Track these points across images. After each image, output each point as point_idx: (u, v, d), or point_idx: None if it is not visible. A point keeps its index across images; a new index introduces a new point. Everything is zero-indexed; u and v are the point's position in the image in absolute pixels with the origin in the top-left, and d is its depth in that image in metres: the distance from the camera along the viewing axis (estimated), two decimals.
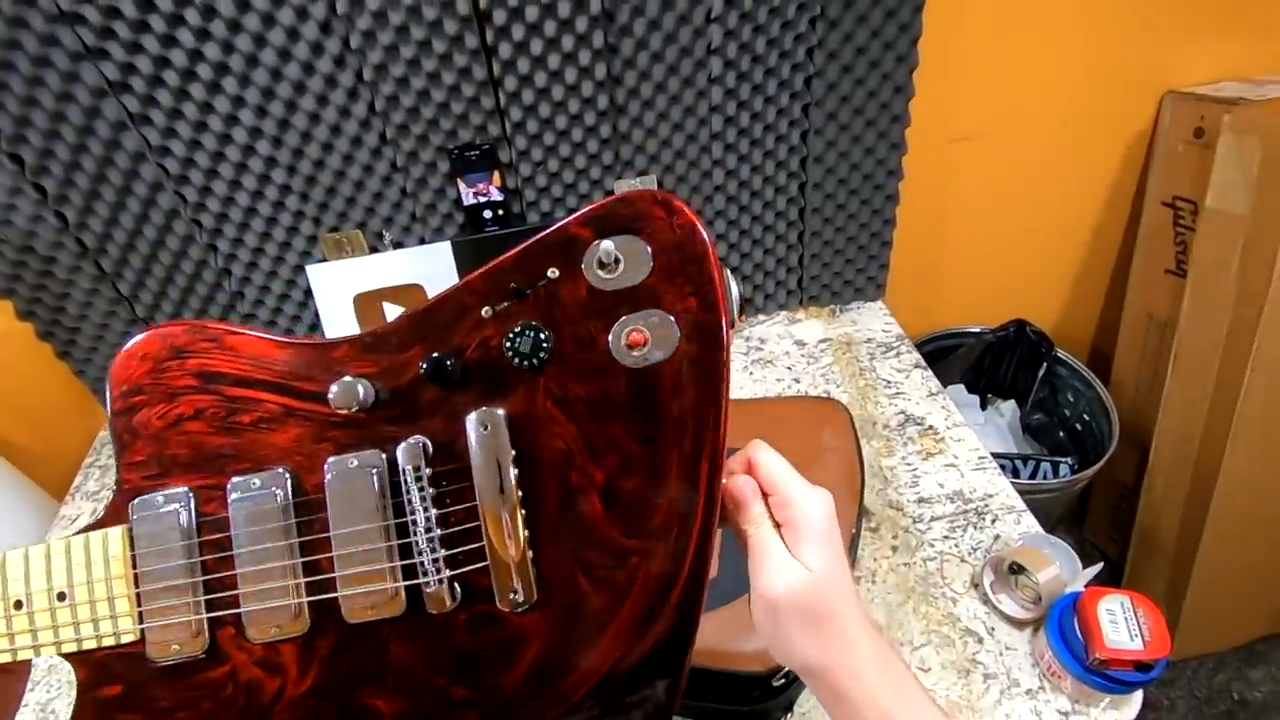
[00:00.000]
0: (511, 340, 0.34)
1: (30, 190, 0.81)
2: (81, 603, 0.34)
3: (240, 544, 0.35)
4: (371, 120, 0.83)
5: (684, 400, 0.33)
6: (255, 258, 0.91)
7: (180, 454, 0.36)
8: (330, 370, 0.36)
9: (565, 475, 0.34)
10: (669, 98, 0.86)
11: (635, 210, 0.34)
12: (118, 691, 0.34)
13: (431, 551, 0.34)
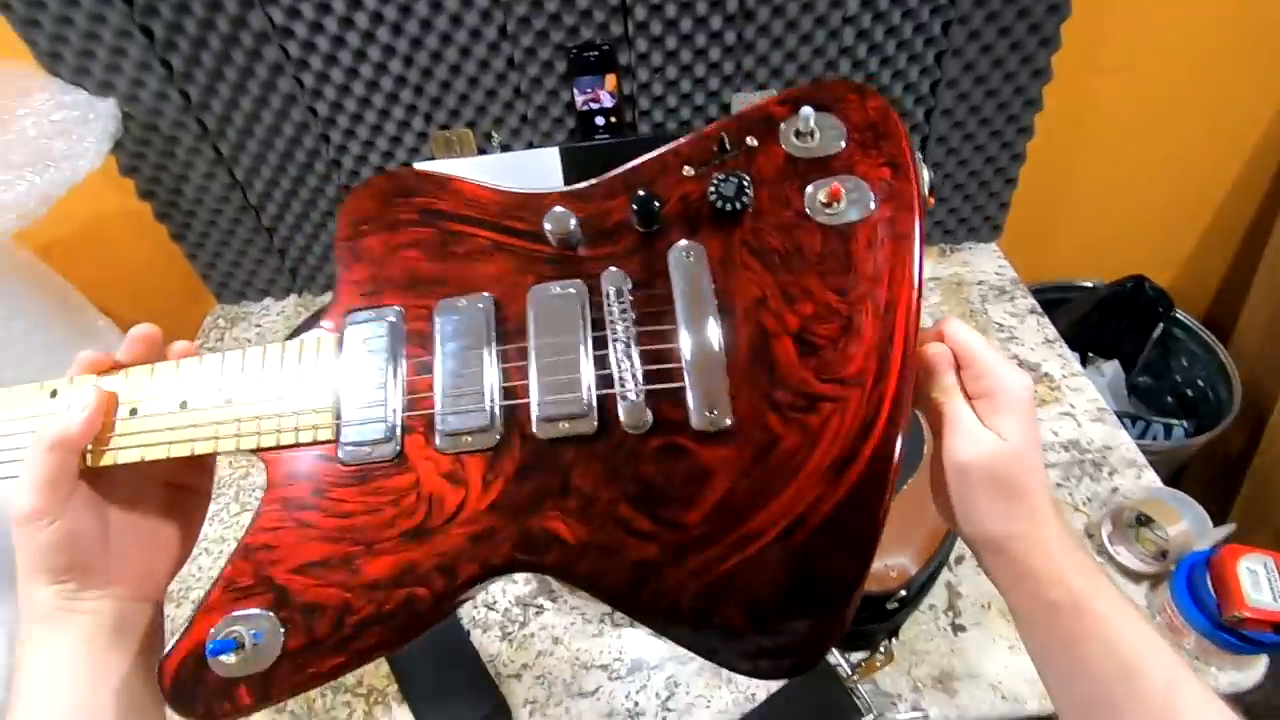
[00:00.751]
0: (716, 184, 0.35)
1: (158, 66, 0.81)
2: (288, 399, 0.36)
3: (441, 355, 0.36)
4: (493, 12, 0.80)
5: (878, 256, 0.34)
6: (365, 151, 0.91)
7: (394, 276, 0.38)
8: (540, 212, 0.37)
9: (759, 318, 0.34)
10: (801, 5, 0.81)
11: (831, 93, 0.37)
12: (305, 491, 0.35)
13: (630, 366, 0.34)
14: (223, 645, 0.32)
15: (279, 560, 0.34)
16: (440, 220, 0.39)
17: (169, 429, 0.35)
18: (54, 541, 0.32)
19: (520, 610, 0.66)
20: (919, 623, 0.60)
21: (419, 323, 0.37)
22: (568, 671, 0.61)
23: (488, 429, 0.35)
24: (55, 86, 0.80)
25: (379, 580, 0.34)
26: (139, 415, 0.36)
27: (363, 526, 0.35)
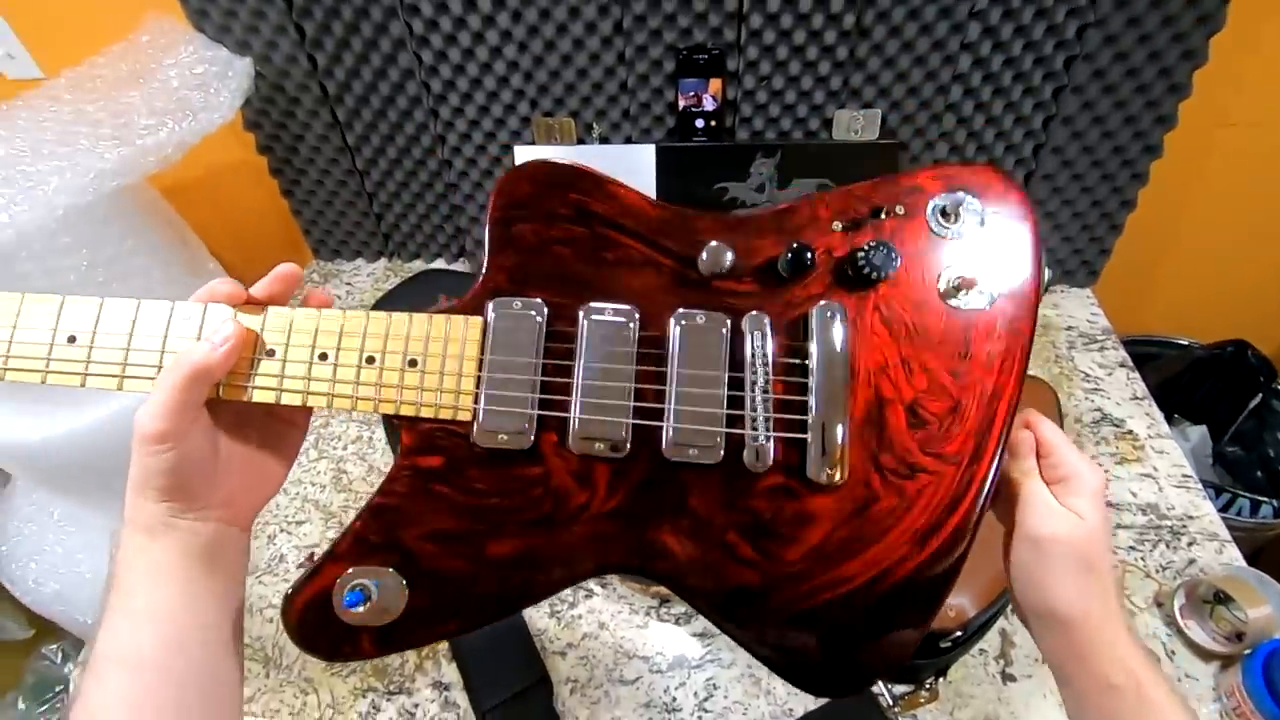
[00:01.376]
0: (867, 251, 0.36)
1: (292, 30, 0.86)
2: (430, 373, 0.37)
3: (583, 361, 0.37)
4: (611, 8, 0.82)
5: (993, 347, 0.37)
6: (470, 130, 0.94)
7: (543, 270, 0.39)
8: (691, 236, 0.39)
9: (878, 384, 0.37)
10: (920, 26, 0.80)
11: (979, 178, 0.39)
12: (438, 464, 0.37)
13: (765, 411, 0.36)
14: (353, 598, 0.34)
15: (409, 525, 0.36)
16: (594, 222, 0.39)
17: (307, 378, 0.36)
18: (170, 465, 0.33)
19: (570, 591, 0.68)
20: (969, 666, 0.59)
21: (562, 321, 0.38)
22: (610, 657, 0.63)
23: (620, 442, 0.37)
24: (200, 42, 0.86)
25: (502, 560, 0.36)
26: (277, 359, 0.36)
27: (491, 507, 0.37)
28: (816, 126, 0.89)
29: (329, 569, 0.35)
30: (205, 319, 0.36)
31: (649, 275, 0.39)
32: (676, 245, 0.39)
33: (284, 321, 0.37)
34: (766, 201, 0.92)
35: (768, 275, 0.38)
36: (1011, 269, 0.37)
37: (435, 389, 0.37)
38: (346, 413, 0.38)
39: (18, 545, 1.02)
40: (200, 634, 0.34)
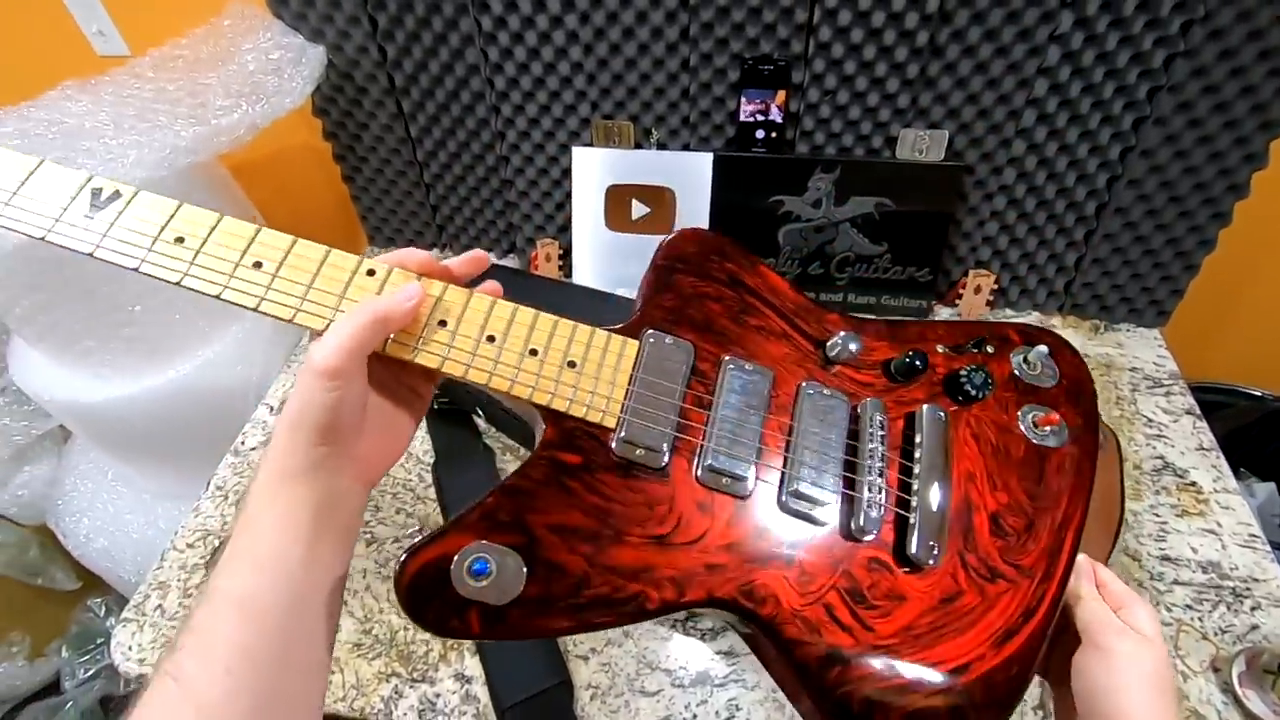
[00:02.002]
0: (969, 372, 0.44)
1: (365, 21, 0.88)
2: (585, 375, 0.40)
3: (720, 402, 0.42)
4: (679, 15, 0.81)
5: (1063, 482, 0.43)
6: (530, 128, 0.95)
7: (695, 317, 0.45)
8: (821, 324, 0.46)
9: (967, 489, 0.42)
10: (996, 48, 0.77)
11: (1054, 340, 0.48)
12: (575, 461, 0.39)
13: (879, 484, 0.40)
14: (480, 566, 0.35)
15: (538, 511, 0.38)
16: (743, 291, 0.46)
17: (472, 353, 0.39)
18: (334, 403, 0.34)
19: None
20: None
21: (705, 363, 0.43)
22: (632, 667, 0.62)
23: (745, 480, 0.40)
24: (277, 29, 0.88)
25: (619, 568, 0.37)
26: (446, 329, 0.39)
27: (617, 514, 0.39)
28: (879, 144, 0.87)
29: (453, 537, 0.36)
30: (389, 279, 0.39)
31: (783, 346, 0.45)
32: (809, 328, 0.46)
33: (460, 298, 0.40)
34: (822, 217, 0.91)
35: (881, 374, 0.45)
36: (1078, 422, 0.44)
37: (589, 391, 0.40)
38: (502, 394, 0.39)
39: (72, 500, 1.06)
40: (314, 594, 0.35)
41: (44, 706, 1.25)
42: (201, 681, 0.31)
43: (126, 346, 0.85)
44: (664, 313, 0.44)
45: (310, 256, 0.38)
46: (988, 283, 0.92)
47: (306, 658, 0.35)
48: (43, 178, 0.37)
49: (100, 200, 0.37)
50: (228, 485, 0.80)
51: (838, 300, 0.96)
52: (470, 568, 0.35)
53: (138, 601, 0.71)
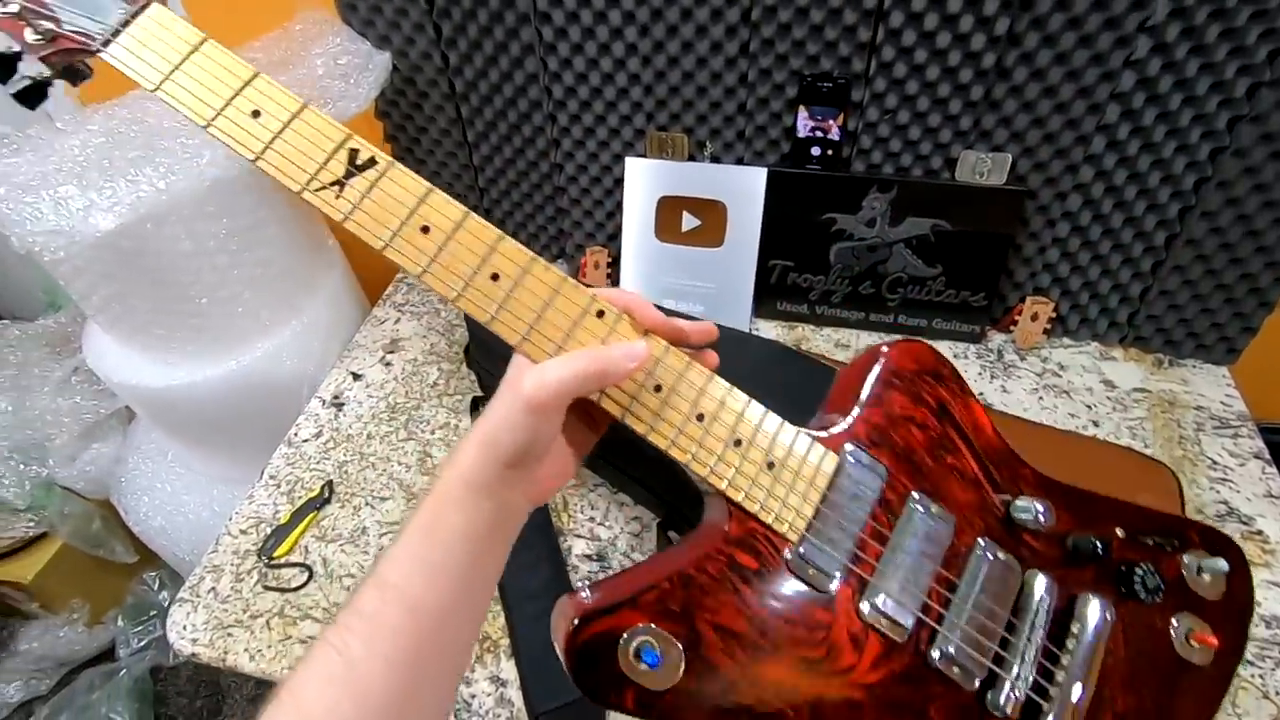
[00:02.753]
0: (1144, 572, 0.43)
1: (430, 29, 0.90)
2: (781, 481, 0.40)
3: (899, 542, 0.41)
4: (739, 30, 0.81)
5: (1193, 700, 0.43)
6: (585, 137, 0.96)
7: (894, 442, 0.43)
8: (1014, 478, 0.45)
9: (1102, 686, 0.41)
10: (1067, 71, 0.75)
11: (1236, 557, 0.46)
12: (751, 565, 0.39)
13: (1030, 664, 0.40)
14: (650, 656, 0.36)
15: (707, 608, 0.38)
16: (948, 423, 0.45)
17: (679, 430, 0.39)
18: (534, 435, 0.35)
19: None
20: None
21: (893, 494, 0.42)
22: None
23: (904, 628, 0.40)
24: (345, 35, 0.91)
25: (767, 682, 0.38)
26: (659, 395, 0.39)
27: (776, 629, 0.39)
28: (938, 165, 0.85)
29: (626, 614, 0.37)
30: (616, 326, 0.38)
31: (971, 493, 0.43)
32: (1001, 479, 0.44)
33: (678, 366, 0.39)
34: (876, 236, 0.89)
35: (1056, 545, 0.44)
36: (1226, 646, 0.43)
37: (780, 499, 0.40)
38: (696, 477, 0.40)
39: (135, 477, 1.11)
40: (472, 599, 0.37)
41: (99, 672, 1.31)
42: (363, 665, 0.33)
43: (192, 336, 0.89)
44: (869, 429, 0.43)
45: (545, 281, 0.38)
46: (1046, 310, 0.89)
47: (455, 659, 0.37)
48: (306, 121, 0.37)
49: (356, 163, 0.36)
50: (280, 475, 0.83)
51: (887, 321, 0.95)
52: (639, 652, 0.36)
53: (193, 583, 0.74)
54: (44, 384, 1.18)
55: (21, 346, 1.24)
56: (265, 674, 0.67)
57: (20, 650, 1.34)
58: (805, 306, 0.97)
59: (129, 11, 0.36)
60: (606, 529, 0.76)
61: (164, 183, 0.75)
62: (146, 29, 0.36)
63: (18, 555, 1.26)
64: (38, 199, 0.70)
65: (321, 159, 0.36)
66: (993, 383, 0.88)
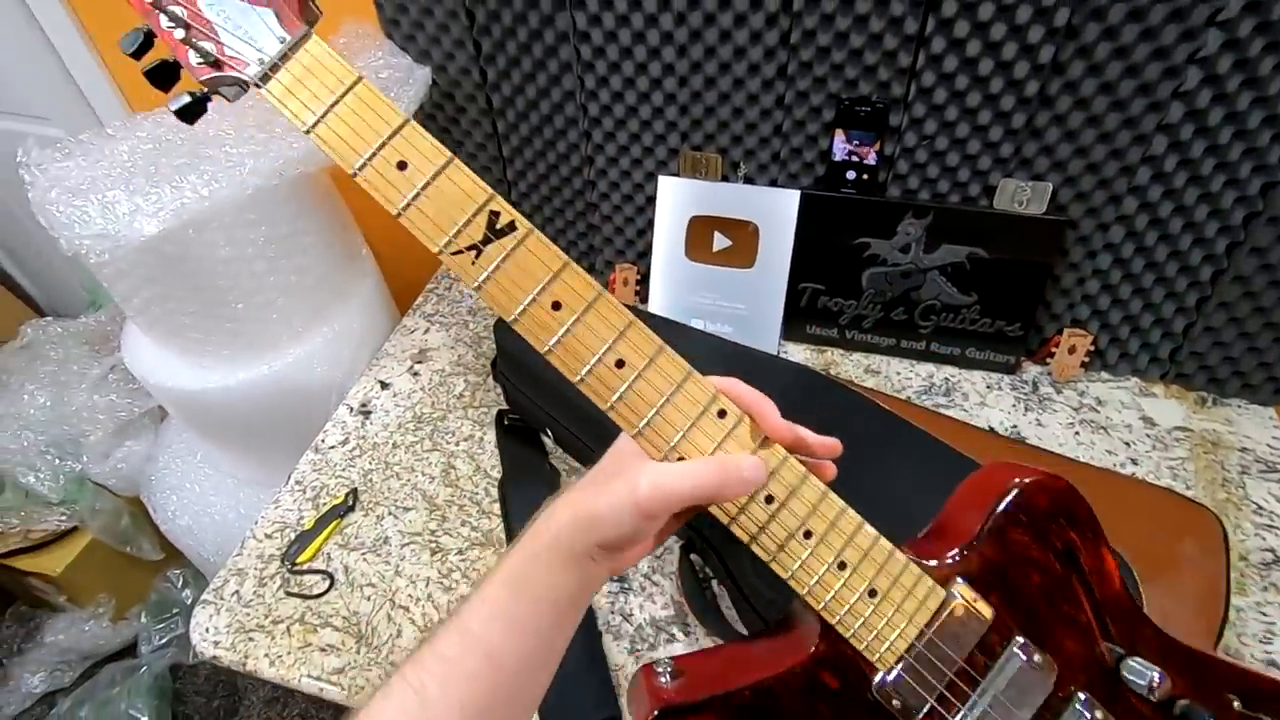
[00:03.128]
0: None
1: (470, 45, 0.91)
2: (880, 611, 0.39)
3: (992, 685, 0.40)
4: (778, 52, 0.81)
5: None
6: (619, 154, 0.96)
7: (1009, 583, 0.41)
8: (1132, 635, 0.42)
9: None
10: (1112, 101, 0.73)
11: None
12: (833, 686, 0.39)
13: None
14: None
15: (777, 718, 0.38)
16: (1071, 570, 0.41)
17: (782, 544, 0.38)
18: (635, 533, 0.36)
19: (653, 632, 0.67)
20: None
21: (995, 636, 0.40)
22: None
23: None
24: (387, 48, 0.93)
25: None
26: (769, 508, 0.38)
27: None
28: (976, 192, 0.84)
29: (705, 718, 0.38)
30: (735, 429, 0.37)
31: (1080, 644, 0.41)
32: (1117, 633, 0.41)
33: (793, 479, 0.38)
34: (910, 263, 0.88)
35: (1164, 711, 0.41)
36: None
37: (876, 629, 0.39)
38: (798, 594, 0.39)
39: (165, 476, 1.13)
40: (544, 658, 0.38)
41: (121, 667, 1.33)
42: (437, 707, 0.34)
43: (227, 340, 0.90)
44: (984, 565, 0.40)
45: (670, 373, 0.37)
46: (1084, 343, 0.87)
47: (523, 713, 0.38)
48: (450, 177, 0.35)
49: (496, 227, 0.35)
50: (306, 481, 0.84)
51: (919, 348, 0.93)
52: None
53: (217, 585, 0.74)
54: (82, 381, 1.21)
55: (62, 343, 1.27)
56: (284, 680, 0.67)
57: (46, 642, 1.37)
58: (835, 331, 0.96)
59: (289, 44, 0.35)
60: None
61: (207, 190, 0.76)
62: (304, 64, 0.35)
63: (49, 548, 1.28)
64: (86, 203, 0.72)
65: (462, 221, 0.35)
66: (1027, 415, 0.86)
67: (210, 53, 0.35)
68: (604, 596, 0.71)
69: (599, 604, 0.70)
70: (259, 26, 0.35)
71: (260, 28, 0.35)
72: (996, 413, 0.87)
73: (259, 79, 0.35)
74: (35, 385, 1.21)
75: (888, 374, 0.93)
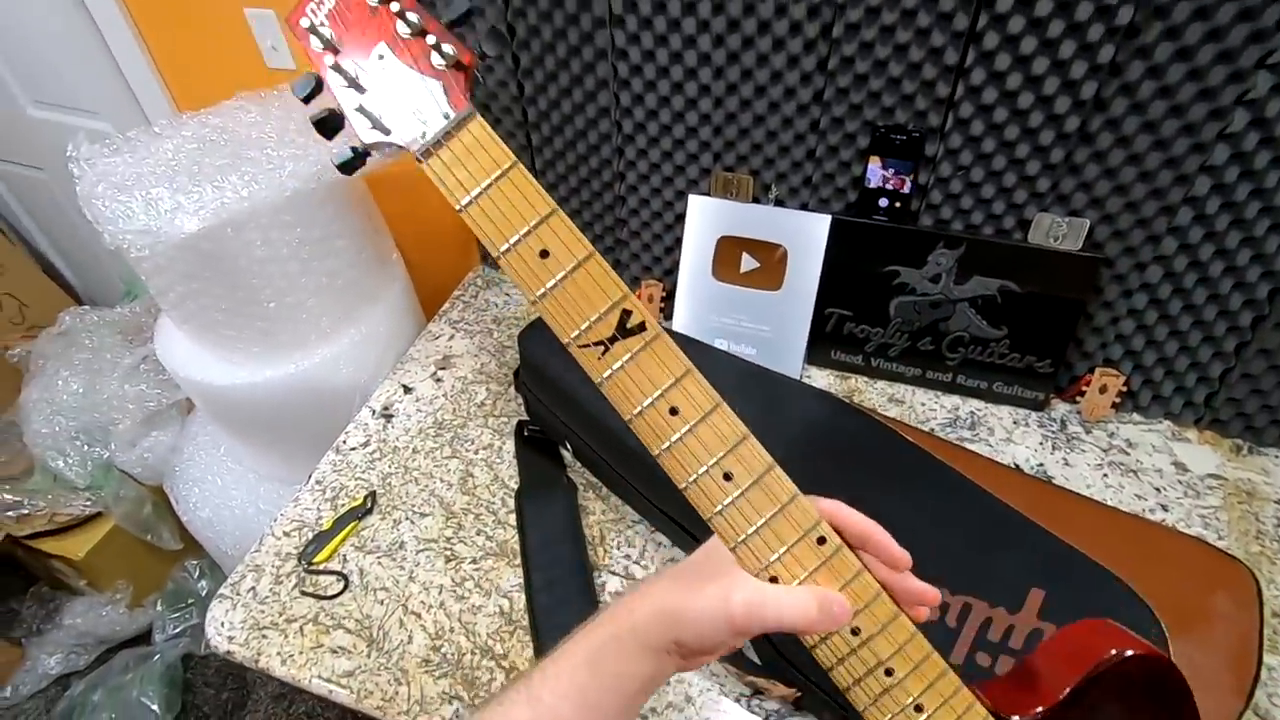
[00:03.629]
0: None
1: (509, 58, 0.92)
2: None
3: None
4: (814, 77, 0.81)
5: None
6: (650, 172, 0.96)
7: None
8: None
9: None
10: (1154, 140, 0.72)
11: None
12: None
13: None
14: None
15: None
16: None
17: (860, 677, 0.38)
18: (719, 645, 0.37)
19: None
20: None
21: None
22: None
23: None
24: None
25: None
26: (853, 640, 0.38)
27: None
28: (1010, 225, 0.83)
29: None
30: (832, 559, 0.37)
31: None
32: None
33: (886, 616, 0.38)
34: (939, 293, 0.87)
35: None
36: None
37: None
38: None
39: (188, 468, 1.15)
40: None
41: (135, 654, 1.35)
42: None
43: (257, 337, 0.92)
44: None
45: (776, 493, 0.37)
46: (1115, 383, 0.85)
47: None
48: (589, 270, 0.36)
49: (626, 326, 0.36)
50: (326, 481, 0.85)
51: (945, 380, 0.92)
52: None
53: (234, 580, 0.75)
54: (114, 370, 1.24)
55: (98, 332, 1.30)
56: (294, 680, 0.67)
57: (65, 624, 1.39)
58: (860, 358, 0.95)
59: (453, 121, 0.35)
60: (642, 569, 0.75)
61: (247, 190, 0.78)
62: (465, 143, 0.36)
63: (73, 532, 1.31)
64: (130, 198, 0.74)
65: (594, 316, 0.36)
66: (1054, 454, 0.84)
67: (376, 117, 0.36)
68: None
69: None
70: (426, 98, 0.35)
71: (427, 99, 0.35)
72: (1023, 449, 0.85)
73: (421, 153, 0.35)
74: (69, 372, 1.24)
75: (912, 404, 0.92)
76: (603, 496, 0.82)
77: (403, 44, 0.36)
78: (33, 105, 1.49)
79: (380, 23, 0.36)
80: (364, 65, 0.36)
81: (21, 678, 1.37)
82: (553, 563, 0.74)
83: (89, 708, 1.27)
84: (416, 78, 0.35)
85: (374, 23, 0.36)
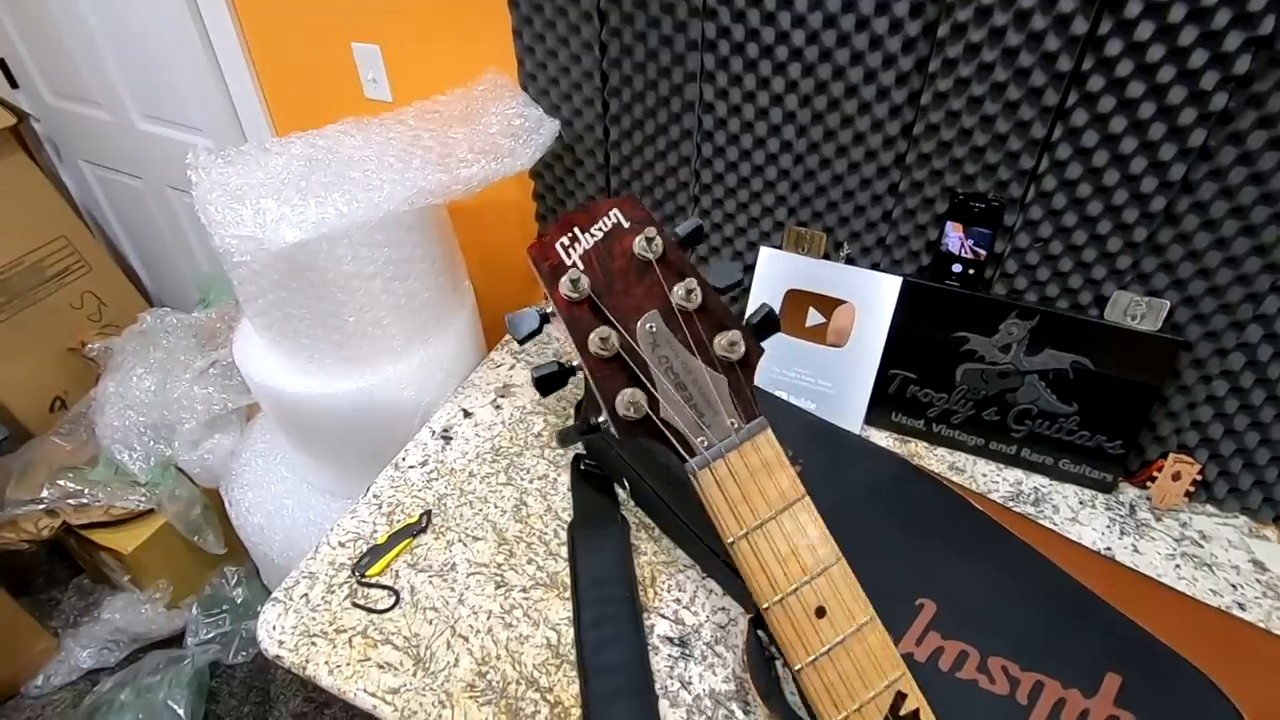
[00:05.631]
0: None
1: (599, 104, 0.97)
2: None
3: None
4: (897, 142, 0.83)
5: None
6: (725, 221, 0.99)
7: None
8: None
9: None
10: (1243, 225, 0.72)
11: None
12: None
13: None
14: None
15: None
16: None
17: None
18: None
19: (711, 704, 0.65)
20: None
21: None
22: None
23: None
24: (522, 100, 0.99)
25: None
26: None
27: None
28: (1087, 301, 0.83)
29: None
30: None
31: None
32: None
33: None
34: (1009, 363, 0.87)
35: None
36: None
37: None
38: None
39: (244, 472, 1.18)
40: None
41: (166, 655, 1.36)
42: None
43: (332, 350, 0.95)
44: None
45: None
46: (1190, 471, 0.83)
47: None
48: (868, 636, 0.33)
49: (899, 713, 0.34)
50: (383, 496, 0.86)
51: (1009, 452, 0.90)
52: None
53: (288, 585, 0.76)
54: (185, 371, 1.29)
55: (174, 334, 1.36)
56: (340, 691, 0.67)
57: (102, 619, 1.41)
58: (922, 422, 0.94)
59: (744, 433, 0.32)
60: (692, 614, 0.73)
61: (346, 207, 0.82)
62: (749, 463, 0.33)
63: (125, 525, 1.34)
64: (241, 206, 0.78)
65: (868, 696, 0.32)
66: (1122, 539, 0.81)
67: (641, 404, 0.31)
68: (664, 660, 0.69)
69: (658, 667, 0.68)
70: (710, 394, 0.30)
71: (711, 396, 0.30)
72: (1089, 531, 0.83)
73: (698, 466, 0.31)
74: (144, 369, 1.30)
75: (973, 474, 0.90)
76: (655, 538, 0.81)
77: (680, 317, 0.29)
78: (142, 119, 1.60)
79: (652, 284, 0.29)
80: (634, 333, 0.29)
81: (54, 668, 1.39)
82: (603, 600, 0.73)
83: (115, 706, 1.27)
84: (699, 366, 0.30)
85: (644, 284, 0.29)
